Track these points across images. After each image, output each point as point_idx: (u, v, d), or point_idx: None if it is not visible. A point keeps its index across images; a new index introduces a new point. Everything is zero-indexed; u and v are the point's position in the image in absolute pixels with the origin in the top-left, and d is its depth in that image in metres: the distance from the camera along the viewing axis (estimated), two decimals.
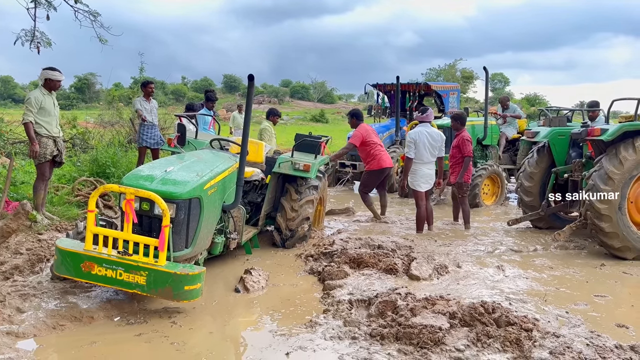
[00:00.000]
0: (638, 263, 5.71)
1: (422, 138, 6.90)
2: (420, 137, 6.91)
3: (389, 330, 3.68)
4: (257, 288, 4.75)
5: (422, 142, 6.89)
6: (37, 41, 9.15)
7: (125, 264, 3.92)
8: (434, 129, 7.15)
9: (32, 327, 3.71)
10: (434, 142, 6.92)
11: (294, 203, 6.10)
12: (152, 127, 8.82)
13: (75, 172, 8.60)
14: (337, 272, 4.96)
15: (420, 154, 6.92)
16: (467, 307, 3.94)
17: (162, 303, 4.23)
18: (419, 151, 6.91)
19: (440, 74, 51.02)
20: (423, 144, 6.89)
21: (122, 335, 3.75)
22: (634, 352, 3.46)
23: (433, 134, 6.96)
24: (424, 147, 6.90)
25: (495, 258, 5.90)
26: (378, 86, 12.84)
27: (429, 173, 7.02)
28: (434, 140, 6.92)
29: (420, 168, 6.96)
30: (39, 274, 4.82)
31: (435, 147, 6.96)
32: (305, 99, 60.41)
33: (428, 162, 6.98)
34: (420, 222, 7.07)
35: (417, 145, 6.91)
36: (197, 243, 4.51)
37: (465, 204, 7.36)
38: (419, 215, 7.07)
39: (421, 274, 5.04)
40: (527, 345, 3.48)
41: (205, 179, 4.61)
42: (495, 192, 9.55)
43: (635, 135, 5.79)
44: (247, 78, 4.91)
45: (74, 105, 38.84)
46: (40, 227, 5.94)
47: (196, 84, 54.93)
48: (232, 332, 3.98)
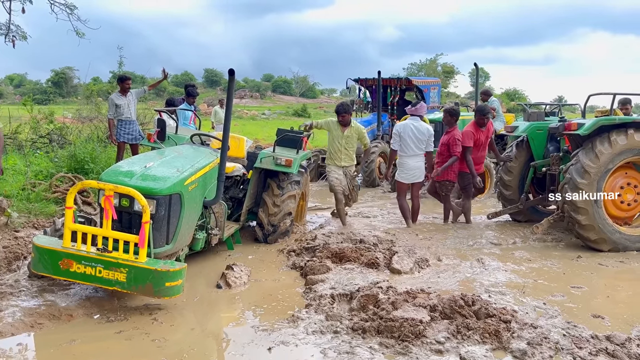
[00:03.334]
0: (613, 255, 5.84)
1: (407, 130, 6.92)
2: (405, 130, 6.94)
3: (370, 324, 3.71)
4: (239, 284, 4.74)
5: (407, 135, 6.90)
6: (13, 35, 8.97)
7: (105, 261, 3.88)
8: (422, 123, 7.11)
9: (9, 326, 3.65)
10: (420, 135, 6.91)
11: (276, 198, 6.09)
12: (129, 122, 8.69)
13: (53, 168, 8.45)
14: (319, 267, 4.98)
15: (405, 147, 6.94)
16: (448, 300, 3.99)
17: (143, 300, 4.20)
18: (404, 143, 6.93)
19: (422, 69, 51.38)
20: (408, 136, 6.90)
21: (102, 332, 3.72)
22: (609, 342, 3.54)
23: (420, 128, 6.95)
24: (409, 140, 6.91)
25: (475, 251, 5.98)
26: (360, 81, 12.86)
27: (417, 165, 7.02)
28: (420, 134, 6.91)
29: (406, 161, 6.97)
30: (16, 272, 4.73)
31: (421, 140, 6.94)
32: (287, 93, 60.27)
33: (414, 154, 6.96)
34: (404, 214, 7.12)
35: (401, 137, 6.94)
36: (178, 239, 4.48)
37: (448, 202, 7.36)
38: (400, 207, 7.12)
39: (402, 268, 5.08)
40: (506, 336, 3.53)
41: (186, 175, 4.57)
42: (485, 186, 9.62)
43: (611, 130, 5.90)
44: (228, 72, 4.87)
45: (50, 100, 38.10)
46: (17, 224, 5.83)
47: (177, 78, 54.33)
48: (214, 328, 3.97)
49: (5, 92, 50.88)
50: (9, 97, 47.82)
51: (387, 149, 11.26)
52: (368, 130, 11.64)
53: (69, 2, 9.41)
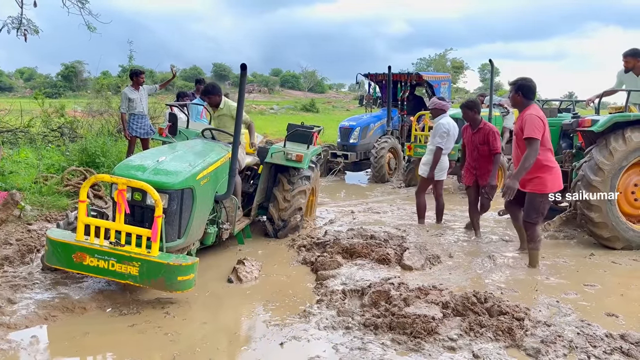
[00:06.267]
0: (626, 253, 5.78)
1: (452, 128, 6.68)
2: (453, 129, 6.69)
3: (382, 320, 3.70)
4: (250, 278, 4.74)
5: (452, 134, 6.68)
6: (24, 28, 9.01)
7: (118, 254, 3.90)
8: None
9: (23, 319, 3.68)
10: (456, 132, 6.81)
11: (286, 193, 6.09)
12: (141, 116, 8.73)
13: (65, 161, 8.51)
14: (330, 262, 4.97)
15: (449, 144, 6.76)
16: (460, 296, 3.97)
17: (155, 293, 4.22)
18: (450, 141, 6.72)
19: (431, 64, 51.07)
20: (452, 134, 6.70)
21: (115, 325, 3.74)
22: (624, 340, 3.51)
23: (456, 125, 6.85)
24: (453, 138, 6.75)
25: (487, 248, 5.94)
26: (369, 76, 12.80)
27: (447, 164, 6.95)
28: (456, 131, 6.81)
29: (444, 159, 6.82)
30: (29, 265, 4.78)
31: (456, 137, 6.86)
32: (296, 88, 60.16)
33: (447, 152, 6.84)
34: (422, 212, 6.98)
35: (451, 135, 6.67)
36: (189, 233, 4.49)
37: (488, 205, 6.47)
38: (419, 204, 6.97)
39: (414, 264, 5.06)
40: (519, 334, 3.51)
41: (198, 169, 4.58)
42: (499, 181, 9.57)
43: (625, 127, 5.83)
44: (240, 67, 4.86)
45: (61, 94, 38.30)
46: (30, 217, 5.88)
47: (185, 72, 54.39)
48: (226, 323, 3.98)
49: (16, 86, 51.23)
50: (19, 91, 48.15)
51: (397, 144, 11.23)
52: (377, 125, 11.66)
53: None
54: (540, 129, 4.81)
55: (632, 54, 6.54)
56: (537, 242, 5.19)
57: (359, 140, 11.24)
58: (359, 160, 11.35)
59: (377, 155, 10.68)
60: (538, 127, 4.80)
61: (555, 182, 5.03)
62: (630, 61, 6.58)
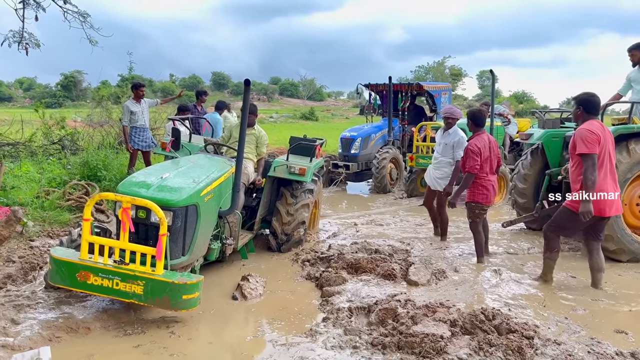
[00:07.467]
0: (632, 265, 5.75)
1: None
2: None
3: (390, 339, 3.66)
4: (255, 295, 4.70)
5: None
6: (26, 42, 9.01)
7: (122, 273, 3.85)
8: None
9: (27, 340, 3.63)
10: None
11: (289, 207, 6.06)
12: (143, 129, 8.72)
13: (66, 175, 8.47)
14: (335, 278, 4.94)
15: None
16: (468, 314, 3.93)
17: (160, 312, 4.18)
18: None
19: (429, 72, 51.23)
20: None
21: (120, 346, 3.69)
22: (635, 358, 3.48)
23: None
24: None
25: (492, 261, 5.91)
26: (370, 86, 12.82)
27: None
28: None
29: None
30: (32, 283, 4.73)
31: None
32: (295, 96, 60.32)
33: None
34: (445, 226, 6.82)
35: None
36: (194, 250, 4.46)
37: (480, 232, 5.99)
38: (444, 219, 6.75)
39: (419, 280, 5.03)
40: (529, 353, 3.47)
41: (202, 186, 4.55)
42: (501, 191, 9.55)
43: (629, 138, 5.82)
44: (244, 83, 4.85)
45: (60, 104, 38.35)
46: (32, 233, 5.84)
47: (184, 81, 54.51)
48: (232, 343, 3.93)
49: (15, 96, 51.30)
50: (18, 101, 48.22)
51: (398, 154, 11.22)
52: (379, 136, 11.66)
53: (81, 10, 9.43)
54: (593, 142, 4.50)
55: (638, 47, 6.57)
56: (554, 252, 5.11)
57: (361, 151, 11.24)
58: (361, 170, 11.34)
59: (378, 165, 10.66)
60: (591, 141, 4.50)
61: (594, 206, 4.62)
62: (636, 54, 6.61)
